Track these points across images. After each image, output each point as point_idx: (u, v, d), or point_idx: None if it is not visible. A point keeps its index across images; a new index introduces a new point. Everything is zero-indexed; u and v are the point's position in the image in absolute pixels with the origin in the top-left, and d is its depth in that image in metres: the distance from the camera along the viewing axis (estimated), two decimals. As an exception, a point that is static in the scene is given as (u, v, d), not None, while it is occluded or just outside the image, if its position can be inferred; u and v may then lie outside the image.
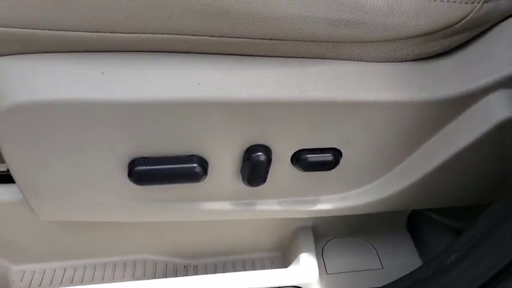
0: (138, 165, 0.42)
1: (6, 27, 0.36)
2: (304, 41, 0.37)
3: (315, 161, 0.44)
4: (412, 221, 0.66)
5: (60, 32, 0.36)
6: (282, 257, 0.66)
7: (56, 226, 0.58)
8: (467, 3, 0.39)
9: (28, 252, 0.62)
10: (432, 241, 0.63)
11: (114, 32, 0.36)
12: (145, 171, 0.42)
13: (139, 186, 0.45)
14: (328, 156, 0.44)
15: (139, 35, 0.36)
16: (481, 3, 0.39)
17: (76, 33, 0.36)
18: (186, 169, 0.43)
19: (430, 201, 0.53)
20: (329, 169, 0.45)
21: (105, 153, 0.42)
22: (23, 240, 0.59)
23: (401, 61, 0.41)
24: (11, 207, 0.53)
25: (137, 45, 0.38)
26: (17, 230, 0.57)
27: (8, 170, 0.59)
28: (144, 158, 0.43)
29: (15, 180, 0.45)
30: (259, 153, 0.43)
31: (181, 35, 0.36)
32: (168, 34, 0.36)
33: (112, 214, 0.50)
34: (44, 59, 0.38)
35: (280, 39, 0.37)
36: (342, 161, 0.45)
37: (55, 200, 0.47)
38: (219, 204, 0.49)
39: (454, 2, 0.38)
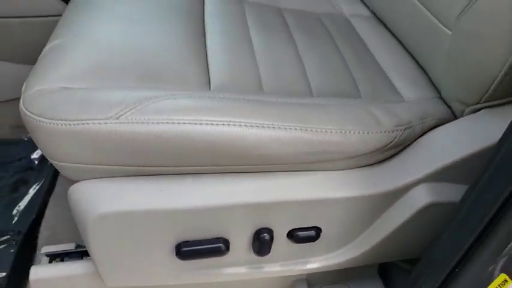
0: (183, 247, 0.61)
1: (99, 164, 0.57)
2: (285, 164, 0.59)
3: (303, 236, 0.64)
4: (382, 268, 0.85)
5: (134, 167, 0.57)
6: (284, 303, 0.85)
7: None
8: (393, 132, 0.60)
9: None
10: (398, 285, 0.82)
11: (169, 166, 0.57)
12: (188, 251, 0.62)
13: (182, 260, 0.64)
14: (312, 233, 0.64)
15: (186, 167, 0.57)
16: (402, 131, 0.61)
17: (147, 168, 0.57)
18: (215, 248, 0.62)
19: (389, 256, 0.73)
20: (314, 241, 0.65)
21: (159, 241, 0.61)
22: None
23: (351, 169, 0.62)
24: (84, 278, 0.72)
25: (183, 172, 0.58)
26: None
27: (75, 248, 0.79)
28: (186, 241, 0.62)
29: (92, 258, 0.64)
30: (265, 234, 0.62)
31: (211, 166, 0.57)
32: (204, 166, 0.57)
33: (160, 279, 0.69)
34: (121, 181, 0.58)
35: (272, 164, 0.58)
36: (322, 234, 0.65)
37: (120, 272, 0.66)
38: (236, 269, 0.68)
39: (385, 132, 0.60)
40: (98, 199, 0.57)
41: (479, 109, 0.62)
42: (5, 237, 0.96)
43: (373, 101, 0.66)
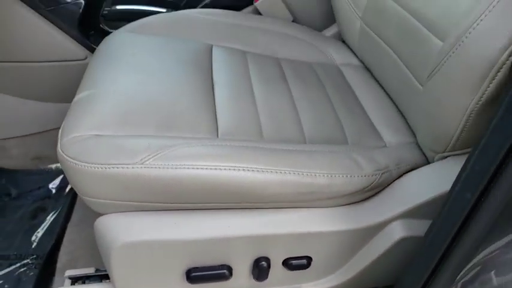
0: (193, 272, 0.71)
1: (123, 201, 0.67)
2: (280, 202, 0.69)
3: (296, 264, 0.73)
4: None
5: (153, 204, 0.67)
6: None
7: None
8: (372, 175, 0.71)
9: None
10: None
11: (183, 203, 0.67)
12: (197, 276, 0.71)
13: (191, 284, 0.74)
14: (303, 261, 0.74)
15: (197, 204, 0.68)
16: (380, 175, 0.72)
17: (164, 204, 0.67)
18: (219, 274, 0.72)
19: (372, 282, 0.83)
20: (305, 268, 0.75)
21: (172, 267, 0.71)
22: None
23: (337, 206, 0.72)
24: None
25: (194, 208, 0.69)
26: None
27: (95, 272, 0.88)
28: (195, 267, 0.72)
29: (113, 281, 0.73)
30: (263, 262, 0.72)
31: (218, 203, 0.68)
32: (212, 203, 0.68)
33: (171, 302, 0.78)
34: (141, 215, 0.68)
35: (269, 202, 0.69)
36: (312, 263, 0.75)
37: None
38: (238, 292, 0.79)
39: (365, 176, 0.70)
40: (121, 230, 0.68)
41: (447, 156, 0.73)
42: (25, 261, 1.06)
43: (357, 148, 0.78)
